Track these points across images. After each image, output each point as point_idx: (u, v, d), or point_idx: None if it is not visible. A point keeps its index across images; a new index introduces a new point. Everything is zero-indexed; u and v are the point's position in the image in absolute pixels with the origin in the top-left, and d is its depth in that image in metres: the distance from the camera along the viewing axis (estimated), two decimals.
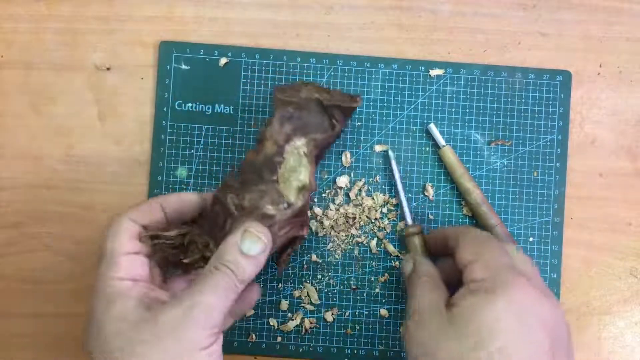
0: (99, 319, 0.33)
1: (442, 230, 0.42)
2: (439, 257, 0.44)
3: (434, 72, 0.49)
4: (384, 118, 0.49)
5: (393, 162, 0.47)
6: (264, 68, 0.49)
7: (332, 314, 0.48)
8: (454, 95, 0.49)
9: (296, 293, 0.48)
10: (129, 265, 0.36)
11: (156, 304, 0.34)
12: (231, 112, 0.49)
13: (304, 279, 0.48)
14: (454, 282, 0.38)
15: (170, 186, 0.48)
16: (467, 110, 0.49)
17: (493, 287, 0.33)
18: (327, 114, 0.42)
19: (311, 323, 0.48)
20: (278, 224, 0.38)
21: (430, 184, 0.48)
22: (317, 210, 0.48)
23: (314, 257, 0.48)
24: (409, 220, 0.46)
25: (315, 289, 0.48)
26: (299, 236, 0.41)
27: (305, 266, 0.48)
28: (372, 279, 0.48)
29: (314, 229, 0.48)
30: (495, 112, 0.49)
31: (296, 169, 0.40)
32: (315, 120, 0.41)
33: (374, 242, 0.48)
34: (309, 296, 0.48)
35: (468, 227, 0.40)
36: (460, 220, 0.48)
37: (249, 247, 0.35)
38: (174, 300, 0.33)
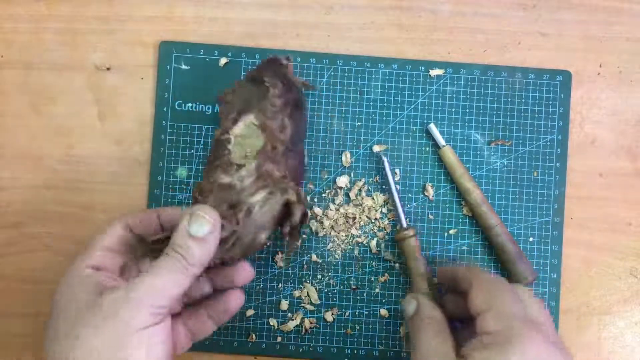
0: (53, 307, 0.34)
1: (454, 269, 0.41)
2: (442, 284, 0.45)
3: (434, 72, 0.49)
4: (384, 118, 0.49)
5: (387, 166, 0.47)
6: None
7: (332, 314, 0.48)
8: (454, 95, 0.49)
9: (296, 293, 0.48)
10: (100, 257, 0.37)
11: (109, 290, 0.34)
12: None
13: (304, 279, 0.48)
14: (460, 317, 0.39)
15: (170, 186, 0.48)
16: (467, 110, 0.49)
17: (506, 341, 0.33)
18: (259, 85, 0.43)
19: (311, 323, 0.48)
20: (246, 191, 0.40)
21: (430, 184, 0.48)
22: (317, 210, 0.48)
23: (314, 257, 0.48)
24: (404, 223, 0.46)
25: (315, 289, 0.48)
26: (292, 203, 0.40)
27: (305, 266, 0.48)
28: (372, 279, 0.48)
29: (314, 229, 0.48)
30: (495, 112, 0.49)
31: (253, 140, 0.42)
32: (250, 95, 0.43)
33: (374, 242, 0.48)
34: (309, 296, 0.48)
35: (480, 270, 0.39)
36: (460, 220, 0.48)
37: (196, 230, 0.35)
38: (121, 284, 0.34)
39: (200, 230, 0.36)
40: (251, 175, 0.40)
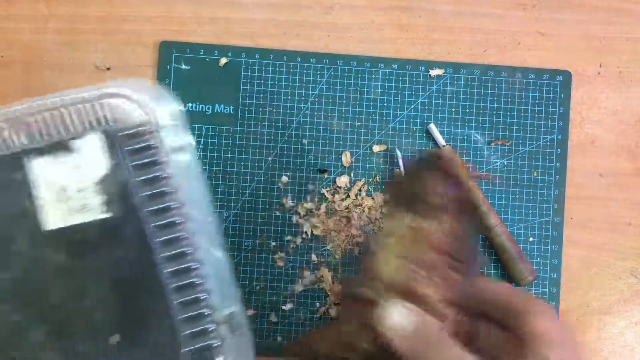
0: None
1: (494, 291, 0.30)
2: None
3: (434, 72, 0.49)
4: (384, 118, 0.49)
5: (401, 162, 0.47)
6: (264, 68, 0.49)
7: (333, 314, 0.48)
8: (454, 95, 0.49)
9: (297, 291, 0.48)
10: None
11: None
12: (231, 112, 0.49)
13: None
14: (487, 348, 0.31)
15: None
16: (467, 110, 0.49)
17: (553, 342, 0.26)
18: (416, 179, 0.34)
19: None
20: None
21: None
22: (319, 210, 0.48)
23: (313, 257, 0.48)
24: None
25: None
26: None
27: (306, 266, 0.48)
28: None
29: (313, 229, 0.48)
30: (495, 112, 0.49)
31: (406, 245, 0.33)
32: (406, 191, 0.34)
33: None
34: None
35: (536, 301, 0.30)
36: None
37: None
38: None
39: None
40: (396, 289, 0.31)
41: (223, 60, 0.49)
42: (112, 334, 0.35)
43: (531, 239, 0.48)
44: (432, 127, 0.48)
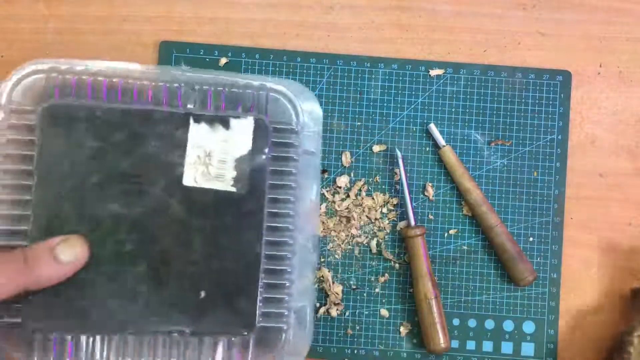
0: None
1: None
2: None
3: (434, 72, 0.49)
4: (384, 118, 0.49)
5: (400, 161, 0.47)
6: (264, 68, 0.49)
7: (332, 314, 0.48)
8: (454, 95, 0.49)
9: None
10: None
11: None
12: None
13: None
14: None
15: None
16: (467, 110, 0.49)
17: None
18: None
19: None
20: None
21: (430, 184, 0.48)
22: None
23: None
24: (412, 222, 0.46)
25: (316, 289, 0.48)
26: None
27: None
28: (372, 279, 0.48)
29: None
30: (495, 112, 0.49)
31: None
32: None
33: (374, 242, 0.48)
34: None
35: None
36: (460, 220, 0.48)
37: (64, 252, 0.36)
38: None
39: (68, 255, 0.36)
40: None
41: (223, 60, 0.49)
42: (200, 289, 0.39)
43: (531, 239, 0.48)
44: (432, 127, 0.48)
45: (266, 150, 0.40)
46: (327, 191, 0.48)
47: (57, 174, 0.39)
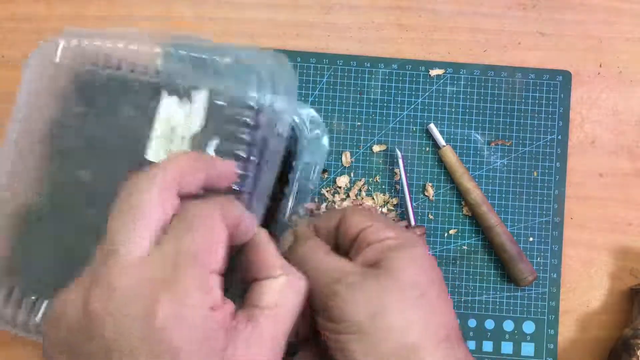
0: None
1: (314, 221, 0.36)
2: None
3: (434, 72, 0.49)
4: (384, 118, 0.49)
5: (400, 161, 0.47)
6: None
7: None
8: (454, 95, 0.49)
9: None
10: None
11: None
12: None
13: None
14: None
15: None
16: (467, 110, 0.49)
17: (407, 243, 0.31)
18: None
19: None
20: None
21: (430, 184, 0.48)
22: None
23: None
24: (412, 222, 0.46)
25: None
26: None
27: None
28: None
29: None
30: (495, 112, 0.49)
31: None
32: None
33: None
34: None
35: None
36: (460, 220, 0.48)
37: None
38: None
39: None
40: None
41: None
42: None
43: (531, 239, 0.48)
44: (432, 127, 0.48)
45: (220, 126, 0.36)
46: (327, 191, 0.48)
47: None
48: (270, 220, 0.40)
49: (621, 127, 0.50)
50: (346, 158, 0.48)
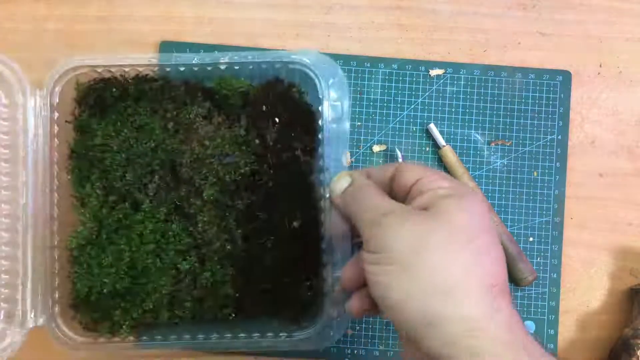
0: None
1: (367, 170, 0.37)
2: None
3: (434, 72, 0.49)
4: (384, 118, 0.49)
5: (400, 160, 0.47)
6: None
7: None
8: (454, 95, 0.49)
9: None
10: None
11: None
12: None
13: None
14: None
15: None
16: (467, 110, 0.49)
17: (461, 192, 0.31)
18: None
19: None
20: None
21: None
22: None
23: None
24: None
25: None
26: None
27: None
28: None
29: None
30: (495, 112, 0.49)
31: None
32: None
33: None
34: None
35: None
36: None
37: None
38: None
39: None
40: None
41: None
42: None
43: (531, 239, 0.48)
44: (432, 127, 0.48)
45: None
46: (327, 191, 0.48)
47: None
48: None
49: (621, 127, 0.50)
50: (346, 158, 0.48)
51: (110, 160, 0.43)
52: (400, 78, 0.49)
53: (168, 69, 0.43)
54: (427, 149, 0.49)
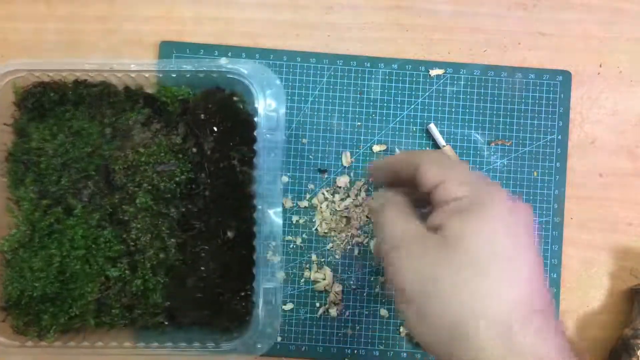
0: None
1: (389, 158, 0.36)
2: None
3: (434, 72, 0.49)
4: (384, 118, 0.49)
5: None
6: None
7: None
8: (454, 95, 0.49)
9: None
10: None
11: None
12: None
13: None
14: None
15: None
16: (467, 110, 0.49)
17: (479, 203, 0.29)
18: None
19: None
20: None
21: None
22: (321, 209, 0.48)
23: (313, 257, 0.48)
24: None
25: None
26: None
27: (306, 266, 0.48)
28: (372, 279, 0.48)
29: (313, 228, 0.48)
30: (495, 112, 0.49)
31: None
32: None
33: (373, 242, 0.48)
34: None
35: (422, 150, 0.36)
36: None
37: None
38: None
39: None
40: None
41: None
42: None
43: None
44: (432, 127, 0.48)
45: None
46: (327, 191, 0.48)
47: None
48: None
49: (621, 127, 0.50)
50: (346, 158, 0.48)
51: (46, 164, 0.43)
52: (400, 78, 0.49)
53: (106, 74, 0.43)
54: (427, 148, 0.49)
